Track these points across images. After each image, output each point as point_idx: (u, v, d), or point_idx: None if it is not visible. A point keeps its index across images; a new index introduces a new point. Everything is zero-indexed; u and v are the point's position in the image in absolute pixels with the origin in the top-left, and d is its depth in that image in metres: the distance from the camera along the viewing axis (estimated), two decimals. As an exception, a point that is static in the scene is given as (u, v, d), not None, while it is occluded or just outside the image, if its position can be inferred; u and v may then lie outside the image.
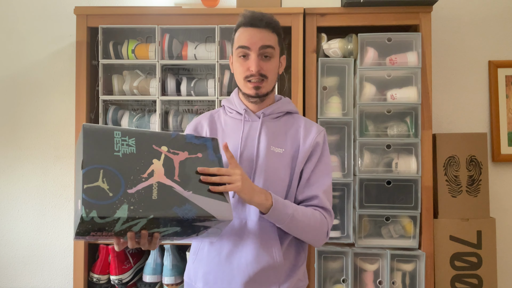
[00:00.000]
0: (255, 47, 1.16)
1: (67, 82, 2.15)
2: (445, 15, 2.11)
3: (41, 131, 2.16)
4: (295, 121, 1.27)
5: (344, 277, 1.83)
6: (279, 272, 1.17)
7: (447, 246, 1.83)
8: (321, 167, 1.22)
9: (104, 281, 1.90)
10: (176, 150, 1.02)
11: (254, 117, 1.24)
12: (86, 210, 0.83)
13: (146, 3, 2.14)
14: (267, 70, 1.18)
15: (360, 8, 1.84)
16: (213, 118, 1.29)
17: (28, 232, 2.16)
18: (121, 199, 0.88)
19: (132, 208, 0.88)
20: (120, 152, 0.94)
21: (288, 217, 1.11)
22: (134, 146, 0.96)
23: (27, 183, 2.16)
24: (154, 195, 0.92)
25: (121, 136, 0.96)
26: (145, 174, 0.94)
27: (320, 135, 1.24)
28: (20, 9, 2.19)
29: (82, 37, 1.88)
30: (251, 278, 1.14)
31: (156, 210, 0.91)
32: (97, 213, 0.84)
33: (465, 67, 2.10)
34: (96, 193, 0.86)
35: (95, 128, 0.95)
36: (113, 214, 0.86)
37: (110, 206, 0.86)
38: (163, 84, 1.93)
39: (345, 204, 1.86)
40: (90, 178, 0.87)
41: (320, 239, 1.19)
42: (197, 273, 1.21)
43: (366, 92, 1.85)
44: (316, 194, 1.18)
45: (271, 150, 1.19)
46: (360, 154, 1.85)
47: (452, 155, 1.87)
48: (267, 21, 1.18)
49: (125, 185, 0.90)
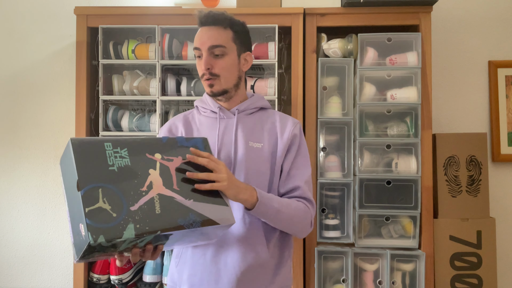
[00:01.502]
0: (204, 47, 1.17)
1: (67, 82, 2.15)
2: (445, 15, 2.11)
3: (41, 131, 2.16)
4: (270, 116, 1.28)
5: (344, 277, 1.83)
6: (266, 270, 1.17)
7: (447, 246, 1.83)
8: (300, 159, 1.24)
9: (104, 281, 1.90)
10: (170, 156, 0.99)
11: (229, 114, 1.24)
12: (93, 236, 0.79)
13: (146, 3, 2.14)
14: (218, 68, 1.18)
15: (360, 8, 1.84)
16: (187, 118, 1.29)
17: (28, 232, 2.16)
18: (126, 219, 0.85)
19: (138, 226, 0.85)
20: (114, 166, 0.90)
21: (274, 210, 1.11)
22: (128, 157, 0.93)
23: (27, 183, 2.16)
24: (157, 209, 0.90)
25: (113, 148, 0.92)
26: (144, 187, 0.91)
27: (296, 127, 1.25)
28: (20, 9, 2.19)
29: (82, 37, 1.88)
30: (239, 277, 1.13)
31: (162, 225, 0.88)
32: (105, 238, 0.81)
33: (465, 67, 2.10)
34: (99, 215, 0.82)
35: (84, 142, 0.89)
36: (120, 236, 0.83)
37: (116, 228, 0.83)
38: (163, 84, 1.93)
39: (345, 204, 1.86)
40: (90, 199, 0.83)
41: (304, 230, 1.21)
42: (181, 276, 1.19)
43: (366, 92, 1.86)
44: (298, 185, 1.19)
45: (249, 145, 1.20)
46: (360, 154, 1.85)
47: (452, 155, 1.87)
48: (213, 18, 1.18)
49: (127, 202, 0.87)
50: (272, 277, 1.18)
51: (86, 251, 0.82)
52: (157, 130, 1.88)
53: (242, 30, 1.23)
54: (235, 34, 1.21)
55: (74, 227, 0.86)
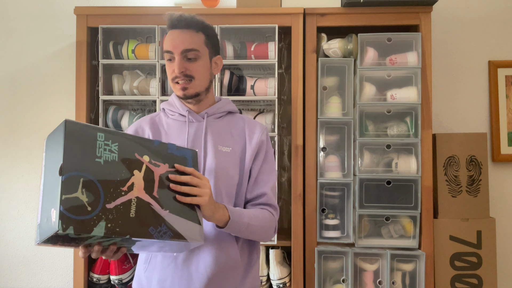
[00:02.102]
0: (177, 51, 1.15)
1: (67, 82, 2.15)
2: (445, 15, 2.11)
3: (41, 131, 2.16)
4: (238, 120, 1.29)
5: (344, 277, 1.83)
6: (236, 273, 1.18)
7: (447, 246, 1.83)
8: (267, 165, 1.25)
9: (104, 281, 1.90)
10: (157, 162, 0.98)
11: (198, 117, 1.24)
12: (63, 226, 0.78)
13: (146, 3, 2.14)
14: (193, 70, 1.17)
15: (360, 8, 1.84)
16: (154, 121, 1.28)
17: (28, 232, 2.16)
18: (99, 215, 0.83)
19: (109, 226, 0.84)
20: (102, 158, 0.88)
21: (244, 226, 1.12)
22: (117, 153, 0.91)
23: (27, 183, 2.16)
24: (132, 212, 0.89)
25: (104, 140, 0.90)
26: (125, 187, 0.90)
27: (263, 134, 1.27)
28: (20, 9, 2.19)
29: (82, 37, 1.88)
30: (211, 279, 1.13)
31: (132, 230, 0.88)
32: (74, 230, 0.79)
33: (465, 67, 2.10)
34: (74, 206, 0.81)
35: (78, 127, 0.87)
36: (90, 232, 0.81)
37: (87, 222, 0.81)
38: (163, 84, 1.93)
39: (345, 204, 1.86)
40: (69, 187, 0.81)
41: (269, 236, 1.23)
42: (150, 282, 1.18)
43: (366, 92, 1.85)
44: (265, 192, 1.21)
45: (218, 149, 1.20)
46: (360, 154, 1.85)
47: (452, 155, 1.87)
48: (186, 21, 1.17)
49: (104, 198, 0.86)
50: (242, 279, 1.20)
51: (51, 237, 0.81)
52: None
53: (213, 34, 1.23)
54: (206, 38, 1.20)
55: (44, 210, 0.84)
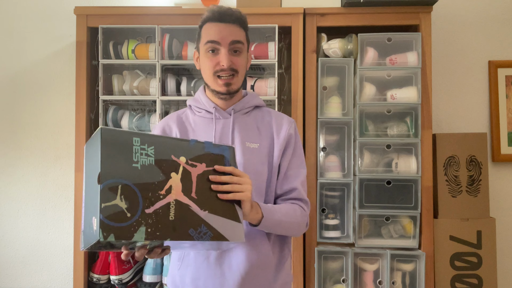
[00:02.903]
0: (225, 42, 1.14)
1: (67, 82, 2.15)
2: (445, 15, 2.11)
3: (41, 131, 2.16)
4: (265, 115, 1.27)
5: (344, 277, 1.83)
6: (268, 269, 1.17)
7: (447, 246, 1.83)
8: (296, 159, 1.24)
9: (104, 281, 1.90)
10: (194, 162, 0.98)
11: (225, 114, 1.22)
12: (104, 234, 0.79)
13: (146, 3, 2.14)
14: (238, 65, 1.16)
15: (360, 8, 1.84)
16: (181, 119, 1.26)
17: (28, 232, 2.16)
18: (139, 221, 0.85)
19: (149, 230, 0.85)
20: (138, 163, 0.89)
21: (276, 222, 1.11)
22: (153, 156, 0.92)
23: (27, 183, 2.16)
24: (171, 215, 0.90)
25: (140, 144, 0.91)
26: (163, 190, 0.90)
27: (291, 127, 1.25)
28: (20, 9, 2.19)
29: (82, 37, 1.88)
30: (244, 278, 1.13)
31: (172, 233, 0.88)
32: (115, 237, 0.80)
33: (465, 67, 2.10)
34: (114, 213, 0.82)
35: (114, 133, 0.88)
36: (130, 238, 0.82)
37: (128, 228, 0.83)
38: (163, 84, 1.93)
39: (345, 204, 1.86)
40: (108, 195, 0.83)
41: (301, 231, 1.22)
42: (184, 280, 1.18)
43: (366, 92, 1.85)
44: (295, 187, 1.20)
45: (246, 146, 1.18)
46: (360, 154, 1.85)
47: (452, 155, 1.87)
48: (236, 16, 1.16)
49: (143, 203, 0.87)
50: (274, 275, 1.19)
51: (94, 245, 0.82)
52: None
53: (248, 29, 1.23)
54: (246, 33, 1.21)
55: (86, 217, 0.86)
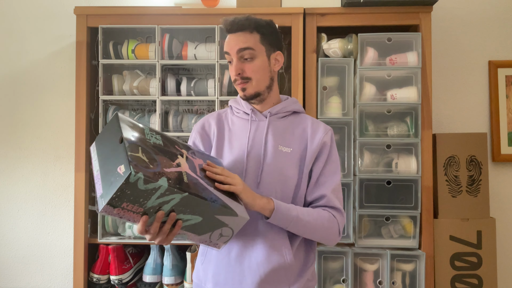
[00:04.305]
0: (233, 52, 1.19)
1: (67, 82, 2.15)
2: (445, 15, 2.11)
3: (41, 131, 2.16)
4: (302, 121, 1.28)
5: (344, 277, 1.83)
6: (289, 272, 1.17)
7: (447, 246, 1.83)
8: (329, 167, 1.23)
9: (104, 281, 1.90)
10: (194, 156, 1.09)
11: (261, 116, 1.25)
12: (135, 170, 0.84)
13: (146, 3, 2.14)
14: (249, 71, 1.19)
15: (360, 8, 1.84)
16: (221, 117, 1.31)
17: (28, 232, 2.16)
18: (161, 172, 0.92)
19: (170, 182, 0.92)
20: (151, 140, 1.00)
21: (292, 218, 1.11)
22: (161, 140, 1.03)
23: (27, 183, 2.16)
24: (185, 179, 0.97)
25: (149, 131, 1.03)
26: (174, 163, 0.99)
27: (327, 135, 1.24)
28: (20, 9, 2.19)
29: (82, 37, 1.88)
30: (262, 278, 1.14)
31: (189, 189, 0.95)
32: (144, 175, 0.85)
33: (465, 67, 2.10)
34: (140, 161, 0.89)
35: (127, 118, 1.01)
36: (156, 180, 0.88)
37: (153, 173, 0.89)
38: (163, 84, 1.93)
39: (345, 204, 1.86)
40: (132, 148, 0.91)
41: (332, 238, 1.20)
42: (206, 274, 1.21)
43: (366, 92, 1.85)
44: (324, 194, 1.19)
45: (278, 149, 1.20)
46: (360, 154, 1.85)
47: (452, 155, 1.87)
48: (240, 23, 1.19)
49: (161, 165, 0.95)
50: (296, 279, 1.19)
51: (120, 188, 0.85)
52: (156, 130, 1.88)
53: (269, 31, 1.23)
54: (262, 36, 1.21)
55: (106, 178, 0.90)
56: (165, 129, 1.93)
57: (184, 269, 1.89)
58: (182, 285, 1.88)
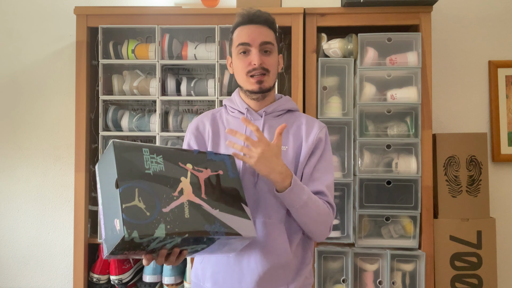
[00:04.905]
0: (255, 43, 1.18)
1: (67, 82, 2.15)
2: (445, 15, 2.11)
3: (41, 131, 2.16)
4: (297, 119, 1.28)
5: (344, 277, 1.83)
6: (288, 271, 1.17)
7: (447, 246, 1.83)
8: (324, 163, 1.23)
9: (104, 281, 1.90)
10: (200, 168, 1.06)
11: (256, 115, 1.25)
12: (128, 231, 0.84)
13: (146, 3, 2.14)
14: (269, 64, 1.19)
15: (360, 8, 1.84)
16: (215, 117, 1.30)
17: (28, 232, 2.16)
18: (158, 218, 0.90)
19: (169, 227, 0.90)
20: (150, 170, 0.96)
21: (301, 201, 1.11)
22: (162, 163, 0.99)
23: (27, 183, 2.16)
24: (186, 213, 0.95)
25: (150, 154, 0.99)
26: (175, 192, 0.97)
27: (322, 132, 1.25)
28: (20, 9, 2.19)
29: (82, 37, 1.88)
30: (261, 277, 1.14)
31: (190, 228, 0.93)
32: (138, 233, 0.85)
33: (465, 67, 2.10)
34: (134, 212, 0.87)
35: (125, 144, 0.97)
36: (152, 234, 0.87)
37: (149, 225, 0.88)
38: (163, 84, 1.93)
39: (345, 204, 1.86)
40: (127, 197, 0.89)
41: (324, 232, 1.20)
42: (205, 273, 1.21)
43: (366, 92, 1.85)
44: (321, 190, 1.19)
45: None
46: (360, 154, 1.85)
47: (452, 155, 1.87)
48: (265, 18, 1.21)
49: (160, 204, 0.92)
50: (294, 276, 1.20)
51: (118, 245, 0.86)
52: (157, 130, 1.88)
53: (278, 32, 1.26)
54: (275, 35, 1.24)
55: (107, 224, 0.91)
56: (165, 129, 1.93)
57: (184, 269, 1.89)
58: (182, 285, 1.88)
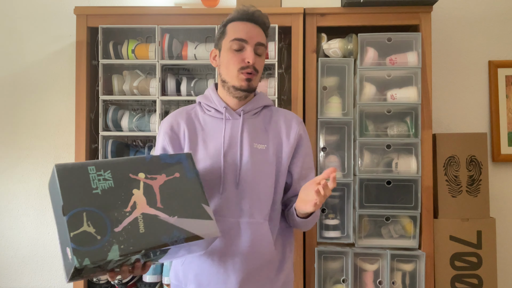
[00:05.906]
0: (252, 41, 1.18)
1: (67, 82, 2.15)
2: (445, 15, 2.11)
3: (41, 131, 2.16)
4: (273, 114, 1.29)
5: (344, 277, 1.83)
6: (271, 267, 1.19)
7: (447, 246, 1.83)
8: (308, 159, 1.28)
9: (104, 281, 1.90)
10: (153, 175, 1.01)
11: (235, 115, 1.23)
12: (78, 260, 0.83)
13: (146, 3, 2.14)
14: (259, 65, 1.21)
15: (360, 8, 1.84)
16: (190, 115, 1.26)
17: (28, 232, 2.16)
18: (110, 240, 0.87)
19: (122, 247, 0.87)
20: (98, 189, 0.92)
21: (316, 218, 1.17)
22: (111, 179, 0.94)
23: (27, 183, 2.16)
24: (141, 228, 0.92)
25: (96, 171, 0.94)
26: (127, 207, 0.93)
27: (300, 127, 1.27)
28: (20, 9, 2.19)
29: (82, 37, 1.88)
30: (246, 276, 1.14)
31: (146, 244, 0.90)
32: (90, 260, 0.83)
33: (465, 67, 2.10)
34: (84, 239, 0.85)
35: (68, 167, 0.92)
36: (105, 258, 0.85)
37: (101, 250, 0.85)
38: (163, 84, 1.93)
39: (345, 204, 1.86)
40: (75, 224, 0.86)
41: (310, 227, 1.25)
42: (187, 276, 1.20)
43: (366, 92, 1.85)
44: None
45: (254, 147, 1.20)
46: (360, 154, 1.85)
47: (452, 155, 1.87)
48: (264, 20, 1.22)
49: (111, 224, 0.89)
50: (276, 273, 1.21)
51: (73, 273, 0.85)
52: (157, 130, 1.88)
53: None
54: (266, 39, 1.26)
55: (62, 250, 0.90)
56: (165, 129, 1.93)
57: (184, 269, 1.89)
58: (182, 285, 1.89)
